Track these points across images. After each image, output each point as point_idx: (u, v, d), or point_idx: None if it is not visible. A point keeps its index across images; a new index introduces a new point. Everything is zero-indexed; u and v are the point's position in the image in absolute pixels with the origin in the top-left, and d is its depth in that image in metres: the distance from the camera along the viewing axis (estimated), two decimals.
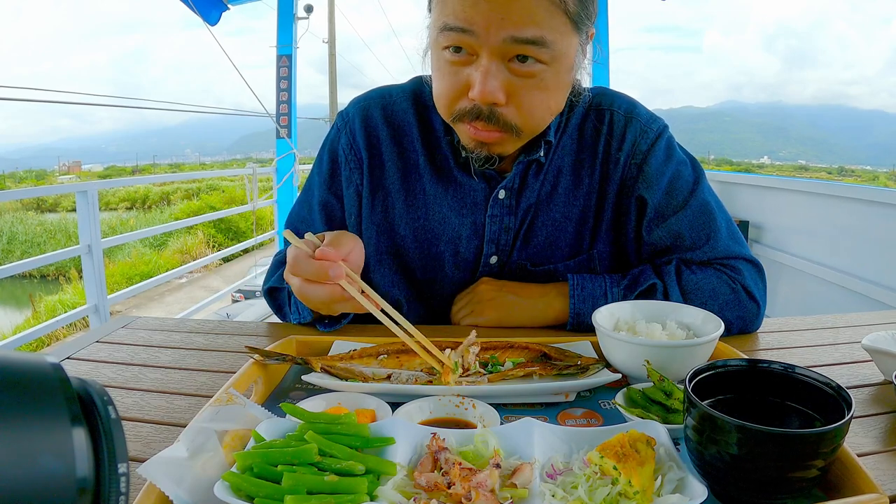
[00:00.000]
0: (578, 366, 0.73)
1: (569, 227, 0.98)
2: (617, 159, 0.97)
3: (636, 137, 0.96)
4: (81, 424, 0.28)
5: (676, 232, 0.95)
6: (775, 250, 3.06)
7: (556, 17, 0.78)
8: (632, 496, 0.47)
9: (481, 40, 0.77)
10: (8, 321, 9.80)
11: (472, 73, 0.80)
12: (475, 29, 0.76)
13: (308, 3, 6.77)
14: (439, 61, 0.84)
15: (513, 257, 0.99)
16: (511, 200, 0.97)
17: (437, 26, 0.81)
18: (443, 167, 0.99)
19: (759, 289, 0.94)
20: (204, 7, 4.53)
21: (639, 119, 0.98)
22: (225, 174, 9.93)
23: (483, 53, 0.78)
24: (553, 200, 0.98)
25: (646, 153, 0.96)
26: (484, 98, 0.79)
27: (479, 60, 0.79)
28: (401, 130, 1.01)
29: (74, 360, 0.86)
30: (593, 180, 0.98)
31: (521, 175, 0.96)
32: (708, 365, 0.57)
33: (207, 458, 0.51)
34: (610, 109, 0.98)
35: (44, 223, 19.49)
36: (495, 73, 0.79)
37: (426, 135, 1.00)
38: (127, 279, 9.52)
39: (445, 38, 0.80)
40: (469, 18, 0.76)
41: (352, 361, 0.75)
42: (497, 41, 0.76)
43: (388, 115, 1.01)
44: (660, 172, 0.96)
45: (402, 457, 0.53)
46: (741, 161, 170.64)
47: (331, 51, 14.65)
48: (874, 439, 0.62)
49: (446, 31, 0.79)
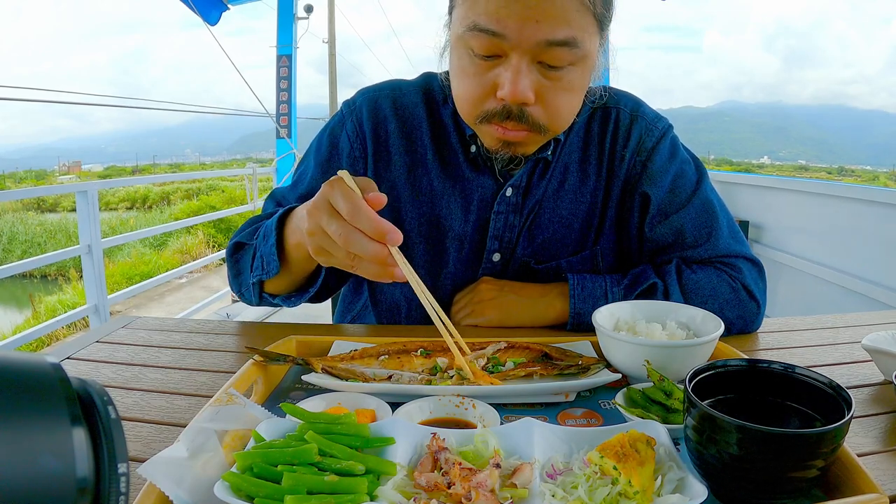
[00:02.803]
0: (580, 366, 0.73)
1: (575, 223, 0.99)
2: (622, 156, 0.98)
3: (641, 135, 0.98)
4: (81, 424, 0.28)
5: (679, 229, 0.96)
6: (775, 250, 3.06)
7: (586, 17, 0.78)
8: (632, 496, 0.47)
9: (513, 42, 0.75)
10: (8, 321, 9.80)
11: (501, 73, 0.78)
12: (507, 32, 0.75)
13: (308, 3, 6.78)
14: (462, 60, 0.82)
15: (516, 254, 0.99)
16: (517, 198, 0.97)
17: (465, 24, 0.78)
18: (451, 162, 0.98)
19: (760, 288, 0.94)
20: (204, 7, 4.53)
21: (644, 118, 0.99)
22: (225, 174, 9.93)
23: (513, 54, 0.77)
24: (560, 198, 0.98)
25: (650, 151, 0.97)
26: (515, 98, 0.78)
27: (509, 60, 0.77)
28: (410, 124, 1.00)
29: (74, 360, 0.86)
30: (599, 177, 0.99)
31: (529, 173, 0.97)
32: (708, 365, 0.57)
33: (207, 458, 0.51)
34: (616, 108, 0.99)
35: (44, 223, 19.49)
36: (526, 72, 0.77)
37: (436, 130, 0.99)
38: (127, 279, 9.52)
39: (475, 40, 0.78)
40: (502, 20, 0.75)
41: (352, 362, 0.75)
42: (531, 44, 0.75)
43: (399, 107, 1.00)
44: (664, 170, 0.97)
45: (402, 457, 0.53)
46: (741, 161, 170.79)
47: (331, 51, 14.65)
48: (874, 439, 0.62)
49: (476, 31, 0.77)
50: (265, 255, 0.88)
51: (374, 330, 1.01)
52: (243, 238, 0.96)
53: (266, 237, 0.88)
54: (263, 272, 0.89)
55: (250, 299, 0.98)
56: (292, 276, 0.91)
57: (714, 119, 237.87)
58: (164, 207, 24.31)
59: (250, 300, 0.98)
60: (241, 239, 0.96)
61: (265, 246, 0.88)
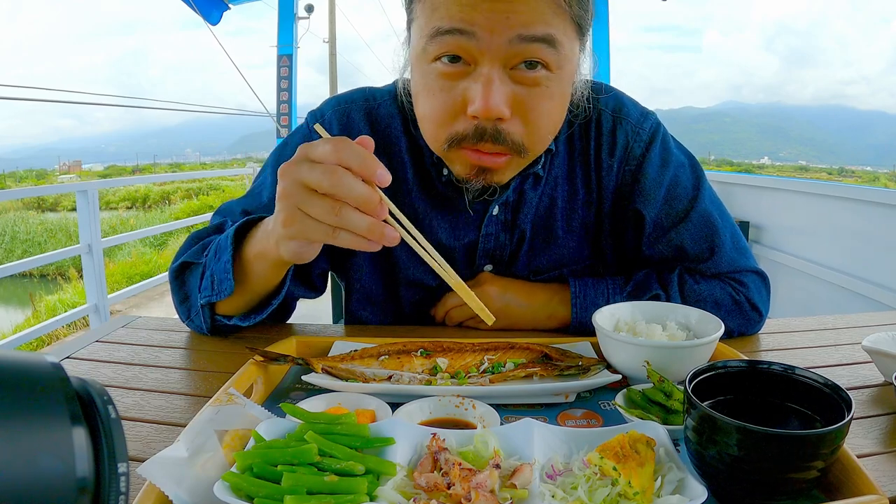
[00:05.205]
0: (580, 366, 0.73)
1: (570, 241, 0.94)
2: (610, 166, 0.91)
3: (628, 141, 0.90)
4: (81, 424, 0.28)
5: (678, 245, 0.91)
6: (775, 251, 3.06)
7: (561, 17, 0.70)
8: (631, 497, 0.47)
9: (483, 43, 0.67)
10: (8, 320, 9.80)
11: (470, 86, 0.70)
12: (476, 30, 0.67)
13: (308, 3, 6.78)
14: (426, 77, 0.73)
15: (513, 269, 0.96)
16: (507, 215, 0.91)
17: (426, 34, 0.70)
18: (431, 181, 0.91)
19: (763, 300, 0.92)
20: (205, 7, 4.53)
21: (629, 119, 0.90)
22: (225, 174, 9.91)
23: (484, 60, 0.68)
24: (552, 216, 0.92)
25: (640, 159, 0.90)
26: (488, 112, 0.68)
27: (479, 70, 0.69)
28: (387, 139, 0.91)
29: (74, 359, 0.86)
30: (588, 190, 0.92)
31: (518, 189, 0.90)
32: (708, 366, 0.57)
33: (207, 458, 0.51)
34: (596, 108, 0.90)
35: (44, 222, 19.49)
36: (499, 82, 0.68)
37: (413, 146, 0.91)
38: (127, 279, 9.51)
39: (438, 46, 0.69)
40: (468, 18, 0.67)
41: (352, 362, 0.75)
42: (502, 42, 0.67)
43: (373, 121, 0.91)
44: (657, 183, 0.90)
45: (401, 457, 0.53)
46: (741, 161, 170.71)
47: (331, 50, 14.65)
48: (874, 440, 0.62)
49: (439, 36, 0.69)
50: (217, 272, 0.79)
51: (374, 330, 1.01)
52: (190, 257, 0.86)
53: (219, 253, 0.79)
54: (213, 293, 0.80)
55: (200, 326, 0.88)
56: (250, 295, 0.83)
57: (714, 119, 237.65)
58: (164, 207, 24.29)
59: (200, 327, 0.88)
60: (188, 258, 0.86)
61: (217, 263, 0.79)
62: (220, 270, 0.79)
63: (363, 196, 0.60)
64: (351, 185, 0.59)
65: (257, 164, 6.32)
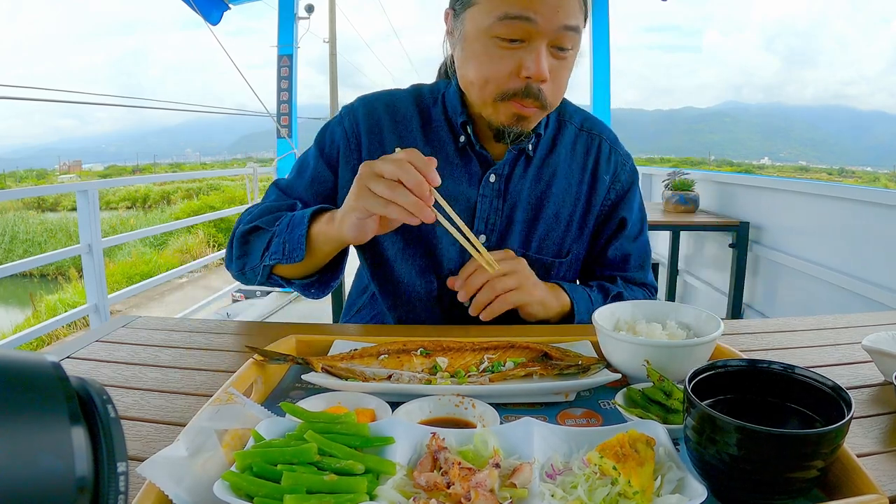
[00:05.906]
0: (579, 366, 0.73)
1: (560, 226, 1.10)
2: (603, 179, 1.12)
3: (617, 166, 1.13)
4: (80, 423, 0.28)
5: (626, 255, 1.14)
6: (775, 251, 3.06)
7: (581, 10, 0.92)
8: (631, 496, 0.47)
9: (540, 27, 0.88)
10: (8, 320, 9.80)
11: (525, 57, 0.90)
12: (537, 18, 0.87)
13: (309, 3, 6.78)
14: (487, 46, 0.93)
15: (504, 242, 1.07)
16: (500, 185, 1.07)
17: (495, 15, 0.90)
18: (440, 150, 1.07)
19: None
20: (205, 7, 4.53)
21: (619, 153, 1.15)
22: (225, 174, 9.91)
23: (538, 39, 0.89)
24: (549, 199, 1.09)
25: (626, 184, 1.13)
26: (540, 76, 0.90)
27: (533, 44, 0.90)
28: (402, 121, 1.10)
29: (74, 359, 0.86)
30: (581, 190, 1.11)
31: (511, 163, 1.07)
32: (708, 365, 0.57)
33: (207, 457, 0.51)
34: (599, 136, 1.13)
35: (45, 222, 19.50)
36: (546, 55, 0.91)
37: (425, 124, 1.10)
38: (127, 279, 9.51)
39: (506, 28, 0.90)
40: (533, 7, 0.88)
41: (352, 361, 0.75)
42: (552, 28, 0.88)
43: (391, 109, 1.11)
44: (633, 203, 1.15)
45: (401, 456, 0.53)
46: (741, 162, 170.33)
47: (331, 51, 14.66)
48: (874, 440, 0.62)
49: (508, 20, 0.89)
50: (290, 241, 0.95)
51: (374, 330, 1.01)
52: (263, 223, 1.03)
53: (293, 226, 0.96)
54: (284, 257, 0.96)
55: (252, 279, 1.04)
56: (307, 265, 1.00)
57: (714, 119, 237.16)
58: (164, 207, 24.30)
59: (251, 279, 1.04)
60: (262, 224, 1.03)
61: (290, 234, 0.95)
62: (294, 240, 0.95)
63: (417, 180, 0.77)
64: (410, 173, 0.77)
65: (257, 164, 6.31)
